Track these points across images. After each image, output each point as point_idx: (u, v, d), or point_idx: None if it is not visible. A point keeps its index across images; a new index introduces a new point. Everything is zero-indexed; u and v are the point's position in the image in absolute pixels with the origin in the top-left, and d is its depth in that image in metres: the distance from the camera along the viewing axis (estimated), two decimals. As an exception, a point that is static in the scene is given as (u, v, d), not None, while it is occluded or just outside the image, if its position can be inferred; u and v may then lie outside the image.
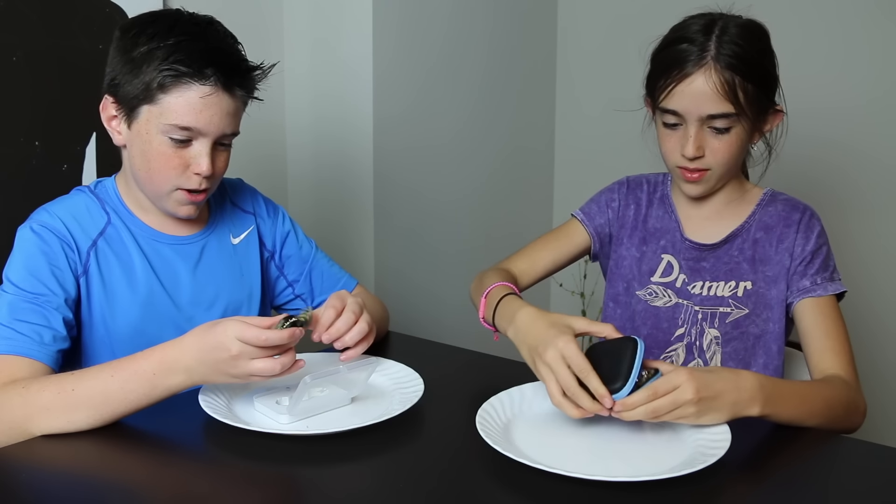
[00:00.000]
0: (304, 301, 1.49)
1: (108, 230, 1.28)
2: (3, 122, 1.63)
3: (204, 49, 1.19)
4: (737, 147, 1.27)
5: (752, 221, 1.36)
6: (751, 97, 1.24)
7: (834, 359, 1.23)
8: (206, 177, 1.24)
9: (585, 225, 1.47)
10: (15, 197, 1.66)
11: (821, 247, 1.32)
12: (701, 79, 1.23)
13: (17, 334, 1.13)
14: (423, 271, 2.35)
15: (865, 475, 1.00)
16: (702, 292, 1.35)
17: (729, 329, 1.33)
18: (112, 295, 1.26)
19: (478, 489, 0.96)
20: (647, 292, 1.40)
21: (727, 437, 1.01)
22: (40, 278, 1.19)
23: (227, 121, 1.23)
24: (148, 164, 1.23)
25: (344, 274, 1.52)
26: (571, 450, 1.03)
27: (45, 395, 1.05)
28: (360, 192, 2.17)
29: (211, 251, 1.36)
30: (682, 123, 1.27)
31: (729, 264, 1.35)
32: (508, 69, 2.54)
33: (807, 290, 1.29)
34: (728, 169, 1.30)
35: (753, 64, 1.24)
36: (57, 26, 1.69)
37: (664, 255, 1.40)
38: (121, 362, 1.09)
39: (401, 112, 2.20)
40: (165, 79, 1.17)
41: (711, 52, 1.23)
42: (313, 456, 1.02)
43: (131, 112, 1.22)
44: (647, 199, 1.44)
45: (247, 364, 1.04)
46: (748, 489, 0.96)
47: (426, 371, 1.22)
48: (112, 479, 0.99)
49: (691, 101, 1.24)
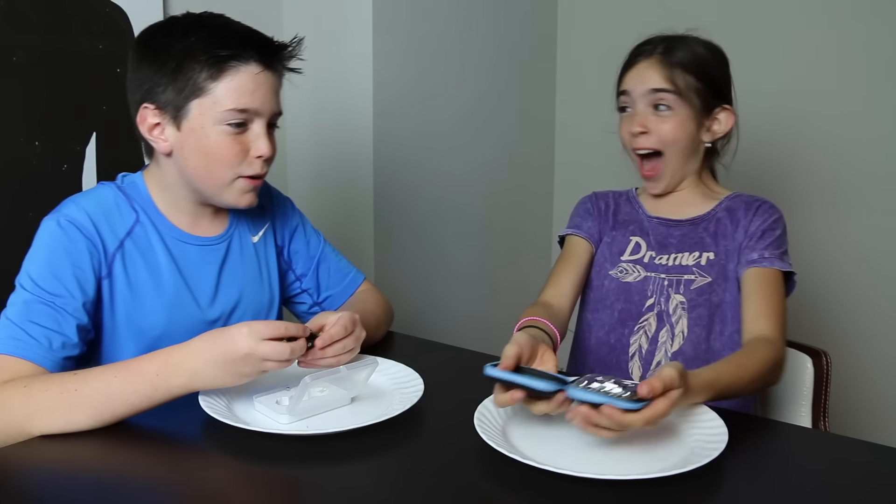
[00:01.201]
0: (310, 296, 1.48)
1: (135, 229, 1.26)
2: (3, 122, 1.63)
3: (239, 32, 1.22)
4: (680, 131, 1.42)
5: (718, 209, 1.47)
6: (691, 86, 1.41)
7: (765, 321, 1.31)
8: (266, 159, 1.24)
9: (579, 235, 1.55)
10: (15, 197, 1.66)
11: (774, 229, 1.41)
12: (646, 64, 1.43)
13: (26, 336, 1.12)
14: (423, 271, 2.35)
15: (865, 475, 1.00)
16: (667, 263, 1.46)
17: (694, 296, 1.42)
18: (138, 296, 1.25)
19: (477, 489, 0.96)
20: (619, 270, 1.49)
21: (724, 436, 1.01)
22: (60, 278, 1.17)
23: (276, 99, 1.25)
24: (207, 158, 1.22)
25: (352, 269, 1.51)
26: (569, 448, 1.03)
27: (47, 396, 1.05)
28: (360, 192, 2.17)
29: (234, 252, 1.35)
30: (631, 107, 1.44)
31: (694, 239, 1.46)
32: (509, 69, 2.54)
33: (754, 261, 1.38)
34: (677, 155, 1.44)
35: (695, 64, 1.42)
36: (57, 26, 1.69)
37: (632, 237, 1.52)
38: (125, 363, 1.09)
39: (401, 111, 2.20)
40: (212, 68, 1.18)
41: (660, 49, 1.43)
42: (313, 456, 1.02)
43: (179, 112, 1.21)
44: (613, 201, 1.58)
45: (258, 357, 1.05)
46: (745, 488, 0.96)
47: (426, 371, 1.23)
48: (112, 479, 0.99)
49: (637, 79, 1.43)
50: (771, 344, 1.28)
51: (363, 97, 2.12)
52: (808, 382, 1.46)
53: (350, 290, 1.49)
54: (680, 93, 1.41)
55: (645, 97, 1.43)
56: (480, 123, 2.47)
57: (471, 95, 2.42)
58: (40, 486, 0.97)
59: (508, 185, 2.61)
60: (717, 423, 1.05)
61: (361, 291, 1.51)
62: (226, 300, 1.33)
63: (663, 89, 1.41)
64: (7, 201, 1.65)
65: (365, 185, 2.16)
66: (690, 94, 1.41)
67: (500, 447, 0.98)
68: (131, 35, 1.81)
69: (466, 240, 2.48)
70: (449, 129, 2.37)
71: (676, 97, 1.41)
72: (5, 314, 1.15)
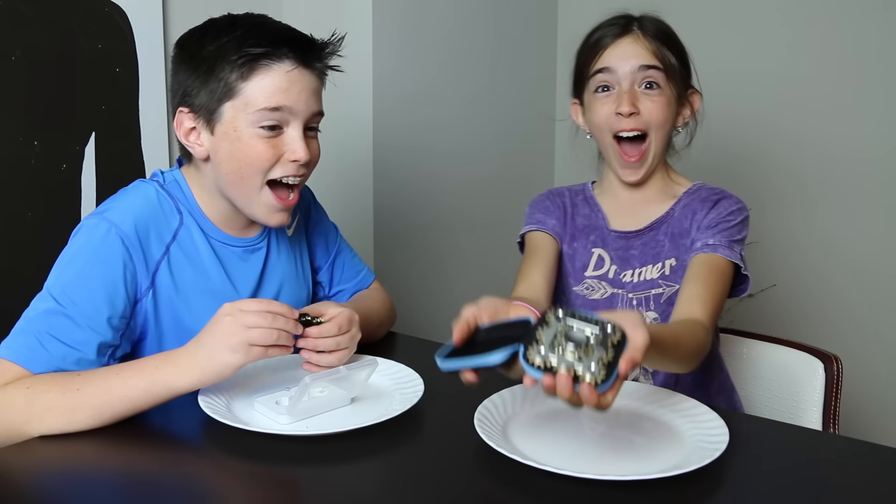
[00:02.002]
0: (322, 289, 1.47)
1: (180, 232, 1.23)
2: (3, 122, 1.63)
3: (273, 30, 1.18)
4: (668, 111, 1.35)
5: (677, 207, 1.40)
6: (674, 66, 1.34)
7: (698, 305, 1.24)
8: (303, 164, 1.19)
9: (542, 230, 1.46)
10: (14, 197, 1.66)
11: (729, 220, 1.33)
12: (629, 39, 1.35)
13: (41, 348, 1.09)
14: (423, 271, 2.35)
15: (865, 475, 1.00)
16: (633, 279, 1.38)
17: (665, 307, 1.36)
18: (186, 300, 1.22)
19: (477, 489, 0.96)
20: (584, 287, 1.42)
21: (725, 436, 1.01)
22: (90, 289, 1.13)
23: (313, 99, 1.20)
24: (238, 163, 1.18)
25: (364, 266, 1.51)
26: (569, 448, 1.03)
27: (49, 396, 1.04)
28: (360, 192, 2.17)
29: (273, 250, 1.34)
30: (614, 87, 1.35)
31: (655, 248, 1.39)
32: (509, 69, 2.54)
33: (698, 248, 1.31)
34: (661, 139, 1.36)
35: (674, 42, 1.36)
36: (56, 26, 1.69)
37: (594, 248, 1.43)
38: (130, 362, 1.10)
39: (401, 111, 2.20)
40: (243, 67, 1.15)
41: (635, 25, 1.36)
42: (313, 456, 1.02)
43: (212, 115, 1.18)
44: (570, 202, 1.48)
45: (243, 325, 1.04)
46: (745, 488, 0.96)
47: (426, 371, 1.22)
48: (112, 479, 0.99)
49: (622, 56, 1.34)
50: (703, 328, 1.21)
51: (363, 96, 2.12)
52: (818, 387, 1.43)
53: (360, 288, 1.49)
54: (667, 70, 1.34)
55: (632, 75, 1.34)
56: (480, 125, 2.47)
57: (470, 97, 2.42)
58: (40, 486, 0.97)
59: (508, 186, 2.61)
60: (718, 424, 1.04)
61: (370, 289, 1.50)
62: (267, 296, 1.31)
63: (654, 66, 1.33)
64: (6, 201, 1.65)
65: (364, 186, 2.16)
66: (674, 73, 1.35)
67: (500, 447, 0.98)
68: (131, 35, 1.80)
69: (466, 241, 2.48)
70: (449, 130, 2.37)
71: (664, 75, 1.34)
72: (26, 315, 1.13)
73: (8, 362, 1.09)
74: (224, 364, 1.06)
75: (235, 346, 1.05)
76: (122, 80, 1.81)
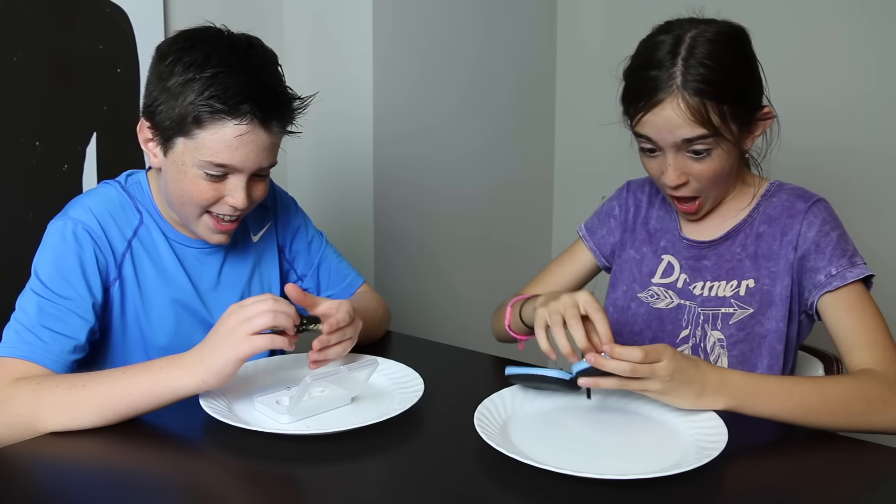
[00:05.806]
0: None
1: (140, 230, 1.27)
2: (3, 122, 1.63)
3: (240, 83, 1.14)
4: (720, 167, 1.22)
5: (756, 215, 1.30)
6: (727, 116, 1.18)
7: (864, 354, 1.16)
8: (241, 208, 1.22)
9: (586, 241, 1.47)
10: (15, 197, 1.66)
11: (828, 234, 1.23)
12: (669, 107, 1.17)
13: (38, 340, 1.14)
14: (423, 271, 2.35)
15: (865, 475, 1.00)
16: (703, 293, 1.31)
17: (734, 331, 1.27)
18: (147, 298, 1.26)
19: (477, 488, 0.96)
20: (649, 294, 1.36)
21: (724, 436, 1.01)
22: (70, 280, 1.18)
23: (263, 156, 1.20)
24: (181, 192, 1.21)
25: (351, 271, 1.51)
26: (569, 448, 1.04)
27: (55, 392, 1.07)
28: (360, 193, 2.17)
29: (231, 253, 1.36)
30: (660, 150, 1.22)
31: (731, 262, 1.30)
32: (509, 72, 2.54)
33: (822, 285, 1.21)
34: (720, 189, 1.27)
35: (725, 84, 1.17)
36: (57, 26, 1.69)
37: (664, 255, 1.36)
38: (138, 364, 1.11)
39: (401, 112, 2.20)
40: (201, 114, 1.14)
41: (678, 79, 1.16)
42: (313, 456, 1.02)
43: (167, 141, 1.19)
44: (647, 199, 1.42)
45: (243, 318, 1.06)
46: (745, 487, 0.96)
47: (426, 371, 1.23)
48: (113, 478, 0.99)
49: (663, 128, 1.19)
50: (874, 378, 1.12)
51: (363, 100, 2.12)
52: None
53: (349, 292, 1.49)
54: (718, 132, 1.18)
55: (675, 147, 1.20)
56: (480, 126, 2.47)
57: (471, 98, 2.42)
58: (45, 483, 0.98)
59: (508, 186, 2.61)
60: (717, 423, 1.04)
61: (360, 292, 1.51)
62: (228, 299, 1.32)
63: (700, 137, 1.18)
64: (7, 201, 1.65)
65: (364, 187, 2.16)
66: (728, 124, 1.18)
67: (500, 447, 0.98)
68: (132, 35, 1.81)
69: (466, 241, 2.48)
70: (449, 131, 2.37)
71: (714, 138, 1.18)
72: (15, 317, 1.17)
73: (12, 359, 1.13)
74: (227, 359, 1.06)
75: (237, 339, 1.06)
76: (123, 80, 1.81)
